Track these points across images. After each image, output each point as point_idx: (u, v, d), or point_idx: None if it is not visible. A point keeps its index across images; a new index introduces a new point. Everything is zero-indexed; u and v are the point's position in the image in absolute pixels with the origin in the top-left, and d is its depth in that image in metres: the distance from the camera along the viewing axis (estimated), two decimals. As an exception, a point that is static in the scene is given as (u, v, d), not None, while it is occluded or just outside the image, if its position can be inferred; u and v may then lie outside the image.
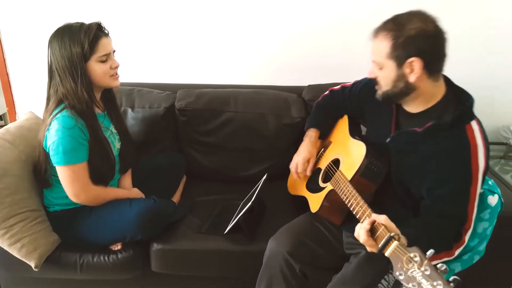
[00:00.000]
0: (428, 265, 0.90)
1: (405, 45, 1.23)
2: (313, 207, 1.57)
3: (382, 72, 1.31)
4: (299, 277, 1.49)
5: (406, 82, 1.27)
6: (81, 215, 1.63)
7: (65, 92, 1.51)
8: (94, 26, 1.50)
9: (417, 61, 1.22)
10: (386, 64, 1.28)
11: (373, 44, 1.31)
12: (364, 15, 2.16)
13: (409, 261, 0.94)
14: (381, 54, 1.27)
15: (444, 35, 1.26)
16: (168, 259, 1.71)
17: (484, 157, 1.25)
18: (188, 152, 2.15)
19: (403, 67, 1.25)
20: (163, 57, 2.33)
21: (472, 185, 1.25)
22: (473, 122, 1.28)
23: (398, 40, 1.23)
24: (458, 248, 1.29)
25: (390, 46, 1.25)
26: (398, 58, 1.25)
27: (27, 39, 2.28)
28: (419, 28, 1.22)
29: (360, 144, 1.49)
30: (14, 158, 1.63)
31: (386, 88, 1.32)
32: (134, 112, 2.08)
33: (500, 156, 2.23)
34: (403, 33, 1.23)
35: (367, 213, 1.20)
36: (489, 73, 2.27)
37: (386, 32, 1.26)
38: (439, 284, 0.86)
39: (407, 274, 0.93)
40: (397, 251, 0.99)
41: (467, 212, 1.27)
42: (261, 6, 2.19)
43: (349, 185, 1.36)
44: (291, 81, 2.28)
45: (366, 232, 1.10)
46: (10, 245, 1.57)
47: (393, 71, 1.27)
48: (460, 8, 2.15)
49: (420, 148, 1.31)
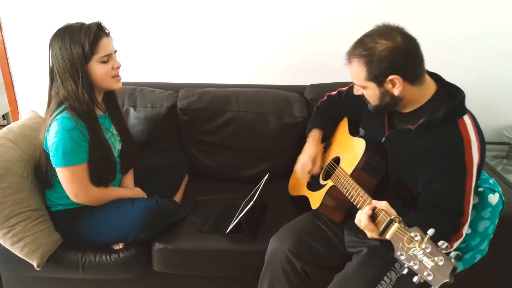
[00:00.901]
0: (429, 243, 0.91)
1: (380, 67, 1.25)
2: (314, 204, 1.57)
3: (366, 91, 1.35)
4: (301, 275, 1.49)
5: (391, 95, 1.30)
6: (83, 214, 1.63)
7: (66, 94, 1.50)
8: (94, 26, 1.49)
9: (395, 77, 1.25)
10: (367, 85, 1.32)
11: (350, 69, 1.35)
12: (366, 14, 2.16)
13: (410, 241, 0.95)
14: (360, 78, 1.31)
15: (414, 42, 1.28)
16: (170, 259, 1.71)
17: (478, 151, 1.26)
18: (190, 152, 2.15)
19: (384, 85, 1.28)
20: (165, 57, 2.33)
21: (467, 179, 1.26)
22: (466, 116, 1.29)
23: (371, 64, 1.26)
24: (457, 240, 1.29)
25: (365, 71, 1.28)
26: (377, 79, 1.28)
27: (30, 38, 2.29)
28: (388, 47, 1.24)
29: (360, 140, 1.50)
30: (17, 157, 1.63)
31: (375, 103, 1.36)
32: (136, 112, 2.08)
33: (503, 156, 2.22)
34: (374, 56, 1.25)
35: (367, 201, 1.22)
36: (492, 72, 2.27)
37: (358, 58, 1.29)
38: (440, 259, 0.87)
39: (408, 254, 0.94)
40: (398, 232, 1.00)
41: (463, 205, 1.27)
42: (264, 6, 2.19)
43: (350, 178, 1.39)
44: (293, 81, 2.28)
45: (367, 216, 1.12)
46: (12, 244, 1.58)
47: (376, 90, 1.31)
48: (461, 7, 2.15)
49: (414, 145, 1.33)
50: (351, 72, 1.35)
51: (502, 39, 2.21)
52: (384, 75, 1.26)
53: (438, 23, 2.18)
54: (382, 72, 1.25)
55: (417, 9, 2.15)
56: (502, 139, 2.31)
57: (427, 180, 1.30)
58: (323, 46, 2.25)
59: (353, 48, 1.32)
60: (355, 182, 1.35)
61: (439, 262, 0.87)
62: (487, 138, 2.33)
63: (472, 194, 1.28)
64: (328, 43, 2.23)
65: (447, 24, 2.18)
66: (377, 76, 1.27)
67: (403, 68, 1.25)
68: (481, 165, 1.29)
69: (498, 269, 1.82)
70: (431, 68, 1.37)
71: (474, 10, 2.15)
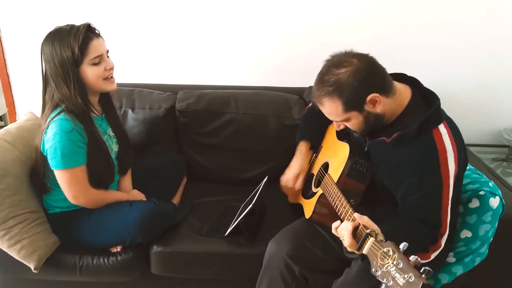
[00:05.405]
0: (400, 258, 0.89)
1: (355, 93, 1.24)
2: (307, 212, 1.57)
3: (350, 122, 1.33)
4: (299, 280, 1.49)
5: (375, 115, 1.29)
6: (81, 217, 1.62)
7: (61, 97, 1.49)
8: (83, 28, 1.46)
9: (374, 96, 1.24)
10: (349, 116, 1.30)
11: (325, 110, 1.33)
12: (365, 16, 2.15)
13: (383, 256, 0.94)
14: (338, 113, 1.29)
15: (369, 57, 1.28)
16: (168, 262, 1.70)
17: (454, 161, 1.25)
18: (188, 154, 2.15)
19: (365, 108, 1.27)
20: (164, 58, 2.32)
21: (444, 191, 1.25)
22: (441, 125, 1.27)
23: (344, 94, 1.24)
24: (435, 251, 1.29)
25: (341, 104, 1.26)
26: (356, 106, 1.27)
27: (28, 39, 2.28)
28: (351, 71, 1.23)
29: (344, 145, 1.50)
30: (14, 159, 1.63)
31: (360, 129, 1.35)
32: (134, 113, 2.07)
33: (502, 159, 2.22)
34: (343, 86, 1.24)
35: (349, 212, 1.20)
36: (491, 75, 2.27)
37: (328, 96, 1.27)
38: (410, 277, 0.85)
39: (382, 270, 0.93)
40: (373, 247, 0.99)
41: (441, 217, 1.27)
42: (262, 7, 2.19)
43: (335, 187, 1.37)
44: (292, 82, 2.28)
45: (349, 233, 1.09)
46: (9, 247, 1.57)
47: (359, 117, 1.30)
48: (461, 9, 2.14)
49: (391, 157, 1.32)
50: (326, 113, 1.33)
51: (502, 42, 2.21)
52: (361, 99, 1.25)
53: (436, 25, 2.17)
54: (358, 97, 1.25)
55: (416, 11, 2.15)
56: (501, 141, 2.30)
57: (404, 192, 1.29)
58: (322, 48, 2.23)
59: (317, 91, 1.30)
60: (340, 191, 1.33)
61: (409, 279, 0.85)
62: (487, 140, 2.37)
63: (450, 205, 1.27)
64: (327, 44, 2.21)
65: (446, 27, 2.18)
66: (355, 103, 1.26)
67: (375, 84, 1.25)
68: (459, 174, 1.29)
69: (497, 272, 1.82)
70: (431, 72, 1.37)
71: (473, 12, 2.15)
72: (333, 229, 1.18)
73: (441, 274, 1.52)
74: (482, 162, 2.11)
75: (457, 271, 1.51)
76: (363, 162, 1.41)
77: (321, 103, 1.30)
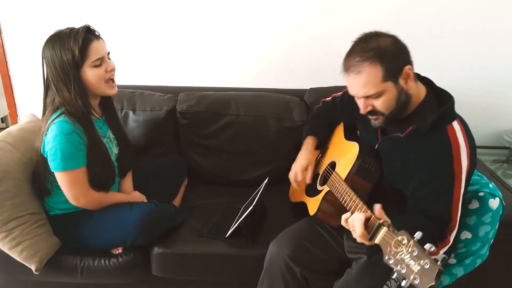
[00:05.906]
0: (415, 246, 0.91)
1: (395, 60, 1.24)
2: (312, 209, 1.57)
3: (381, 99, 1.28)
4: (300, 281, 1.49)
5: (406, 93, 1.29)
6: (82, 218, 1.62)
7: (62, 101, 1.49)
8: (82, 31, 1.46)
9: (408, 67, 1.25)
10: (384, 88, 1.26)
11: (359, 81, 1.27)
12: (366, 18, 2.16)
13: (397, 245, 0.95)
14: (376, 82, 1.25)
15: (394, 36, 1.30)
16: (168, 263, 1.70)
17: (467, 157, 1.25)
18: (189, 155, 2.15)
19: (399, 81, 1.26)
20: (165, 60, 2.33)
21: (456, 186, 1.25)
22: (455, 122, 1.28)
23: (386, 60, 1.23)
24: (443, 247, 1.29)
25: (382, 70, 1.24)
26: (394, 75, 1.25)
27: (29, 41, 2.29)
28: (389, 41, 1.25)
29: (354, 144, 1.50)
30: (15, 161, 1.63)
31: (390, 109, 1.30)
32: (135, 115, 2.08)
33: (503, 160, 2.22)
34: (385, 51, 1.23)
35: (359, 206, 1.21)
36: (492, 77, 2.27)
37: (369, 61, 1.24)
38: (426, 263, 0.87)
39: (396, 258, 0.94)
40: (386, 236, 1.00)
41: (451, 212, 1.27)
42: (263, 10, 2.19)
43: (343, 183, 1.38)
44: (293, 84, 2.28)
45: (361, 223, 1.11)
46: (10, 248, 1.57)
47: (393, 90, 1.27)
48: (461, 11, 2.15)
49: (405, 152, 1.33)
50: (361, 82, 1.26)
51: (503, 44, 2.21)
52: (399, 68, 1.24)
53: (437, 27, 2.18)
54: (397, 65, 1.24)
55: (417, 12, 2.16)
56: (502, 143, 2.30)
57: (415, 186, 1.30)
58: (323, 50, 2.25)
59: (354, 59, 1.26)
60: (348, 187, 1.34)
61: (425, 265, 0.87)
62: (487, 142, 2.36)
63: (461, 201, 1.27)
64: (328, 46, 2.23)
65: (447, 29, 2.18)
66: (394, 72, 1.24)
67: (408, 56, 1.27)
68: (471, 170, 1.29)
69: (498, 274, 1.82)
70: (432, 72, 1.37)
71: (475, 14, 2.15)
72: (342, 221, 1.19)
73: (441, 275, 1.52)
74: (482, 163, 2.11)
75: (457, 273, 1.51)
76: (372, 162, 1.41)
77: (359, 71, 1.25)
